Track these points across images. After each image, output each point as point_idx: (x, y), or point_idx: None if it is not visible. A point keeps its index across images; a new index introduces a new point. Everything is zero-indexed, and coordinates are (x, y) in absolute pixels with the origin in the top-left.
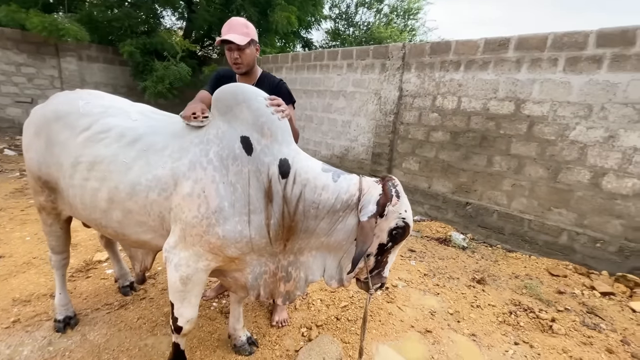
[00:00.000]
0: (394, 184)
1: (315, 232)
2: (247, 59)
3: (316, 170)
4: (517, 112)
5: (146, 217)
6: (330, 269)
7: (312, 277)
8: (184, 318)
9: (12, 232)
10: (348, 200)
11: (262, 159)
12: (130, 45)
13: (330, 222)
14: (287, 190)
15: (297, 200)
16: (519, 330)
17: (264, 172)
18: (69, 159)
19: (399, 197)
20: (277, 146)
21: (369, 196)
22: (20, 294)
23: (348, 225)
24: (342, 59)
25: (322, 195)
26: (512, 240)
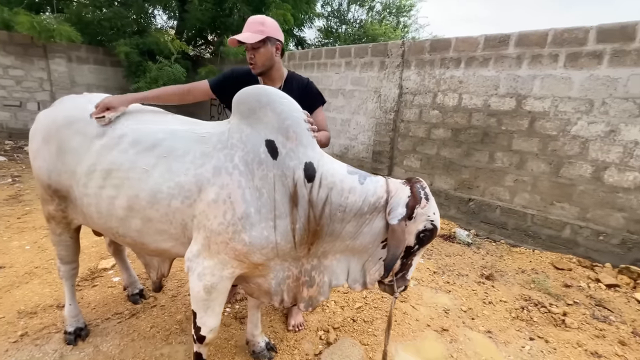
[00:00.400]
0: (422, 186)
1: (340, 236)
2: (261, 59)
3: (342, 172)
4: (519, 108)
5: (167, 225)
6: (354, 273)
7: (336, 281)
8: (207, 327)
9: (10, 241)
10: (375, 202)
11: (288, 163)
12: (125, 45)
13: (356, 225)
14: (313, 194)
15: (324, 203)
16: (532, 326)
17: (289, 177)
18: (83, 166)
19: (428, 199)
20: (303, 149)
21: (398, 198)
22: (26, 305)
23: (375, 228)
24: (340, 57)
25: (349, 198)
26: (516, 235)
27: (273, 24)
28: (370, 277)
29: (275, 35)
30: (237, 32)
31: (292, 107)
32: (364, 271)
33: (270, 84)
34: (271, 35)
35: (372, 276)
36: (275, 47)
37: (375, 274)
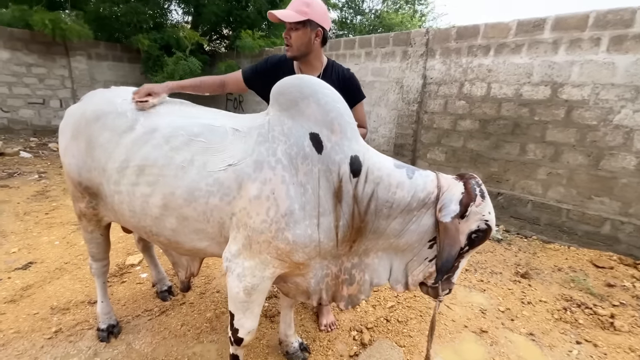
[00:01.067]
0: (478, 182)
1: (385, 233)
2: (297, 42)
3: (389, 166)
4: (554, 96)
5: (205, 224)
6: (396, 272)
7: (378, 280)
8: (245, 329)
9: (39, 237)
10: (425, 198)
11: (333, 157)
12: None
13: (402, 222)
14: (359, 189)
15: (369, 199)
16: (578, 328)
17: (334, 172)
18: (114, 163)
19: (484, 197)
20: (347, 142)
21: (450, 194)
22: (58, 301)
23: (422, 226)
24: (359, 47)
25: (396, 193)
26: (549, 230)
27: (320, 8)
28: (413, 278)
29: (319, 20)
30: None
31: (335, 98)
32: (406, 271)
33: (307, 72)
34: (313, 19)
35: (416, 277)
36: (315, 33)
37: (419, 274)
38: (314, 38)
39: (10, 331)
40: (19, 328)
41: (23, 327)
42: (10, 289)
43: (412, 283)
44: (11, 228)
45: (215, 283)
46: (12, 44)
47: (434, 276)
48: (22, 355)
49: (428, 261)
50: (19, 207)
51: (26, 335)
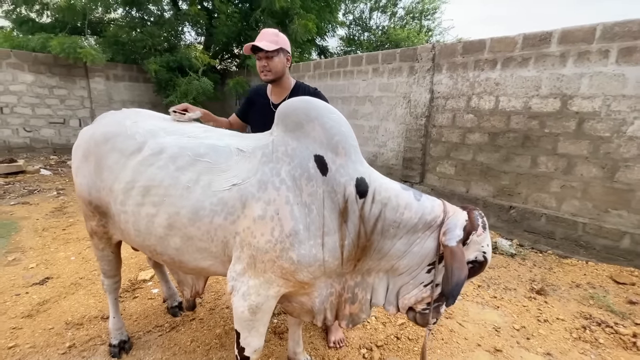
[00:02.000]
0: (481, 214)
1: (388, 254)
2: (276, 67)
3: (396, 188)
4: (564, 109)
5: (208, 243)
6: (391, 295)
7: (376, 300)
8: (251, 348)
9: (57, 252)
10: (431, 221)
11: (338, 179)
12: (154, 63)
13: (407, 243)
14: (365, 209)
15: (376, 219)
16: (599, 348)
17: (339, 193)
18: (120, 183)
19: (485, 229)
20: (352, 165)
21: (455, 219)
22: (72, 316)
23: (425, 249)
24: (367, 63)
25: (404, 214)
26: (565, 245)
27: (285, 38)
28: (404, 301)
29: (287, 47)
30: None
31: (340, 122)
32: (397, 294)
33: (279, 92)
34: (284, 47)
35: (407, 301)
36: (286, 58)
37: (411, 298)
38: (285, 62)
39: (27, 346)
40: (34, 343)
41: (38, 342)
42: (28, 304)
43: (402, 307)
44: (30, 244)
45: (224, 299)
46: (36, 67)
47: (425, 302)
48: None
49: (423, 286)
50: (37, 223)
51: (41, 350)
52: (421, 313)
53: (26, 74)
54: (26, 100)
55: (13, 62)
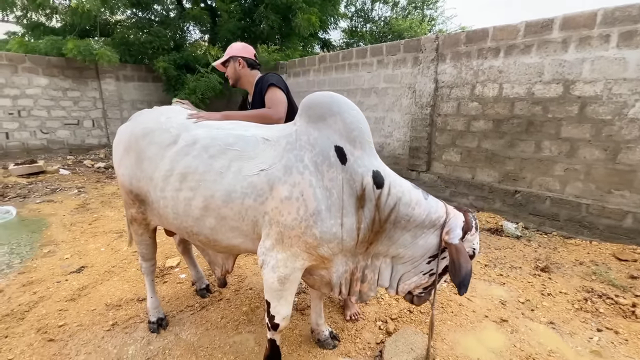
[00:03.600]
0: (474, 216)
1: (397, 242)
2: (229, 74)
3: (408, 185)
4: (566, 94)
5: (240, 222)
6: (394, 279)
7: (382, 282)
8: (280, 315)
9: (87, 244)
10: (435, 220)
11: (356, 169)
12: (163, 62)
13: (414, 235)
14: (382, 200)
15: (391, 210)
16: (599, 317)
17: (357, 181)
18: (160, 172)
19: (477, 229)
20: (368, 159)
21: (456, 221)
22: (111, 299)
23: (428, 243)
24: (371, 56)
25: (415, 209)
26: (569, 226)
27: (237, 46)
28: (404, 286)
29: (237, 54)
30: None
31: (359, 119)
32: (400, 280)
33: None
34: (233, 55)
35: (407, 286)
36: (237, 62)
37: (411, 284)
38: (237, 66)
39: (74, 324)
40: (81, 322)
41: (84, 321)
42: (69, 289)
43: (402, 290)
44: (61, 237)
45: (247, 281)
46: (50, 70)
47: (422, 287)
48: (87, 344)
49: (422, 274)
50: (64, 219)
51: (88, 327)
52: (418, 296)
53: (40, 77)
54: (42, 103)
55: (28, 66)
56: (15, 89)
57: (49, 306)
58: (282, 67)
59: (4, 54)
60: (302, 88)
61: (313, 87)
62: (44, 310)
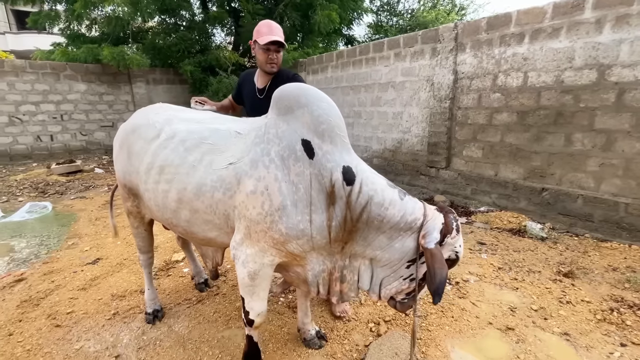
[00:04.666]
0: (455, 217)
1: (372, 244)
2: (280, 60)
3: (383, 183)
4: (601, 80)
5: (212, 215)
6: (374, 283)
7: (362, 284)
8: (254, 311)
9: (106, 238)
10: (412, 222)
11: (325, 164)
12: (189, 64)
13: (389, 237)
14: (352, 197)
15: (362, 209)
16: (625, 330)
17: (326, 177)
18: (143, 165)
19: (458, 231)
20: (339, 153)
21: (433, 223)
22: (117, 290)
23: (405, 247)
24: (388, 49)
25: (388, 209)
26: (605, 228)
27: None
28: (386, 291)
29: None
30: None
31: (329, 112)
32: (381, 285)
33: (264, 77)
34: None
35: (388, 291)
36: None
37: (392, 289)
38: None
39: (81, 312)
40: (87, 310)
41: (90, 309)
42: (82, 279)
43: (384, 296)
44: (85, 231)
45: None
46: (88, 77)
47: (404, 293)
48: (88, 331)
49: (402, 279)
50: (92, 214)
51: (92, 316)
52: (401, 302)
53: (80, 83)
54: (81, 107)
55: (69, 74)
56: (58, 95)
57: (62, 294)
58: (301, 65)
59: (48, 63)
60: (321, 85)
61: (331, 84)
62: (57, 297)
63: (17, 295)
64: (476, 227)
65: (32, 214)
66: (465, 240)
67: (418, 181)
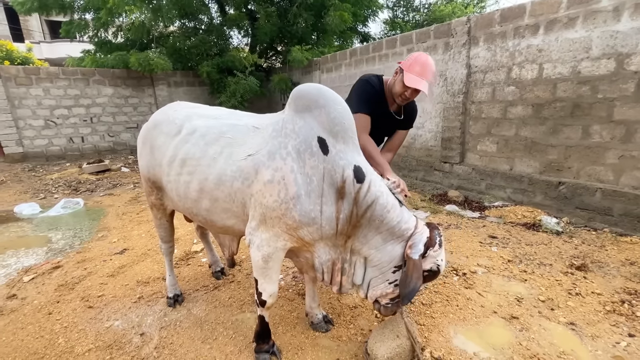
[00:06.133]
0: (439, 233)
1: (369, 242)
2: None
3: (387, 188)
4: (620, 69)
5: (231, 204)
6: (365, 283)
7: (355, 279)
8: (266, 292)
9: (132, 231)
10: (405, 231)
11: (337, 161)
12: (207, 66)
13: (384, 240)
14: (360, 195)
15: (367, 207)
16: (635, 321)
17: (338, 173)
18: (166, 159)
19: (441, 246)
20: (350, 153)
21: (420, 236)
22: (142, 277)
23: (395, 251)
24: (401, 45)
25: (389, 212)
26: (625, 222)
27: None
28: (372, 291)
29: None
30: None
31: (344, 115)
32: (369, 285)
33: (395, 104)
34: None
35: (374, 292)
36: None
37: (377, 291)
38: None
39: (110, 296)
40: (115, 294)
41: (118, 293)
42: (111, 267)
43: (371, 296)
44: (113, 225)
45: None
46: (114, 81)
47: (388, 297)
48: (117, 312)
49: (388, 283)
50: (119, 209)
51: (120, 299)
52: (384, 306)
53: (107, 87)
54: (108, 110)
55: (97, 79)
56: (88, 99)
57: (93, 280)
58: (315, 64)
59: (79, 69)
60: (335, 83)
61: (345, 82)
62: (89, 283)
63: (54, 281)
64: (489, 222)
65: (67, 209)
66: (477, 234)
67: (432, 177)
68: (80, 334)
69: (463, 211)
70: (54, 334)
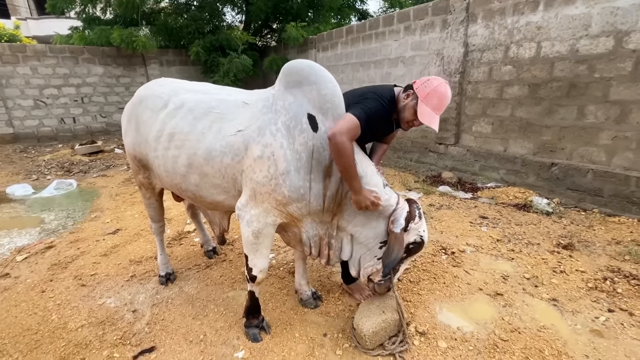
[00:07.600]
0: (418, 206)
1: (354, 220)
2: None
3: (372, 169)
4: (618, 48)
5: (220, 179)
6: (354, 260)
7: (343, 254)
8: (257, 268)
9: (125, 211)
10: (387, 207)
11: (326, 139)
12: (197, 46)
13: (368, 217)
14: None
15: None
16: (614, 297)
17: (326, 150)
18: (152, 133)
19: (421, 218)
20: None
21: (401, 212)
22: (134, 256)
23: (379, 227)
24: (398, 22)
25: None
26: (614, 202)
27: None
28: (364, 270)
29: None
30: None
31: (334, 92)
32: (359, 262)
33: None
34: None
35: (365, 270)
36: None
37: (368, 269)
38: None
39: (103, 274)
40: (108, 273)
41: (111, 272)
42: (104, 247)
43: (362, 275)
44: (107, 205)
45: None
46: (104, 60)
47: (380, 274)
48: (110, 290)
49: (377, 259)
50: (112, 190)
51: (112, 277)
52: (378, 284)
53: (97, 66)
54: (100, 90)
55: (86, 57)
56: (77, 78)
57: (86, 259)
58: (311, 42)
59: (67, 47)
60: (331, 62)
61: (341, 61)
62: (82, 262)
63: (48, 260)
64: (481, 202)
65: (59, 190)
66: (468, 214)
67: (427, 158)
68: (74, 311)
69: (456, 192)
70: (48, 310)
